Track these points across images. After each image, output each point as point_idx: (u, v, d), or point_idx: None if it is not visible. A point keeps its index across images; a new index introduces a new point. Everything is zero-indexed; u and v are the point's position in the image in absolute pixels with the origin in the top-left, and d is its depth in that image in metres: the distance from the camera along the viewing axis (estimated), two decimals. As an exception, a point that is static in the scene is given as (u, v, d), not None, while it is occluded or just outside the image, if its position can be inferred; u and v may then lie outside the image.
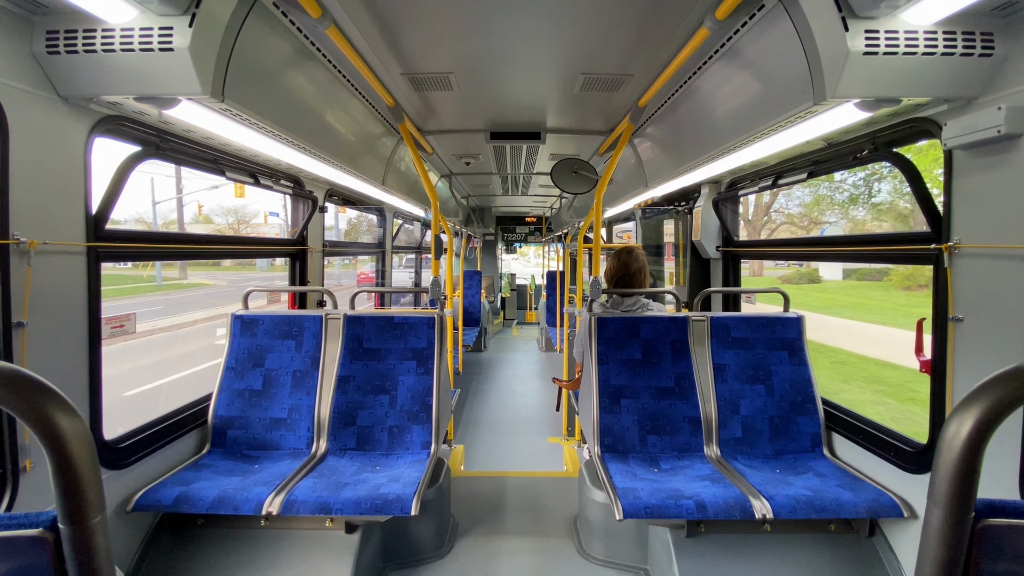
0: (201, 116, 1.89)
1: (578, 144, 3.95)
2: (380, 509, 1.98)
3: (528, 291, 12.78)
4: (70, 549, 0.56)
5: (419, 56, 2.28)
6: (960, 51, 1.53)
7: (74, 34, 1.55)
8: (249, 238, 3.72)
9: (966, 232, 1.70)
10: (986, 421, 0.56)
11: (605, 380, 2.58)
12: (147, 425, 2.22)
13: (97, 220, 1.85)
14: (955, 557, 0.59)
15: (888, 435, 2.14)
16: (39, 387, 0.54)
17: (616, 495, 2.02)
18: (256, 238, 3.96)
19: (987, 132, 1.51)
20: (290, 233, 3.45)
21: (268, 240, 3.65)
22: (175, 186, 25.27)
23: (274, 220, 29.45)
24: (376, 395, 2.60)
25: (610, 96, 2.79)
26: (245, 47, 1.73)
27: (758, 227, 20.15)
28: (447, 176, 5.30)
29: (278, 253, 3.42)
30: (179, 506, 1.97)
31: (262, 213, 36.58)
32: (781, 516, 1.92)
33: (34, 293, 1.61)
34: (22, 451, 1.61)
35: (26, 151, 1.56)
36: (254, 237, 4.43)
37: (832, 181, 18.00)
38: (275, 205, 42.17)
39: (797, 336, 2.63)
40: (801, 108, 1.77)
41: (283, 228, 24.20)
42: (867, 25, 1.50)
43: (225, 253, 2.93)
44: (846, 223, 18.34)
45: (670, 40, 2.06)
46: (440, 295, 2.86)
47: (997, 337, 1.60)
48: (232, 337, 2.65)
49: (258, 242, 3.56)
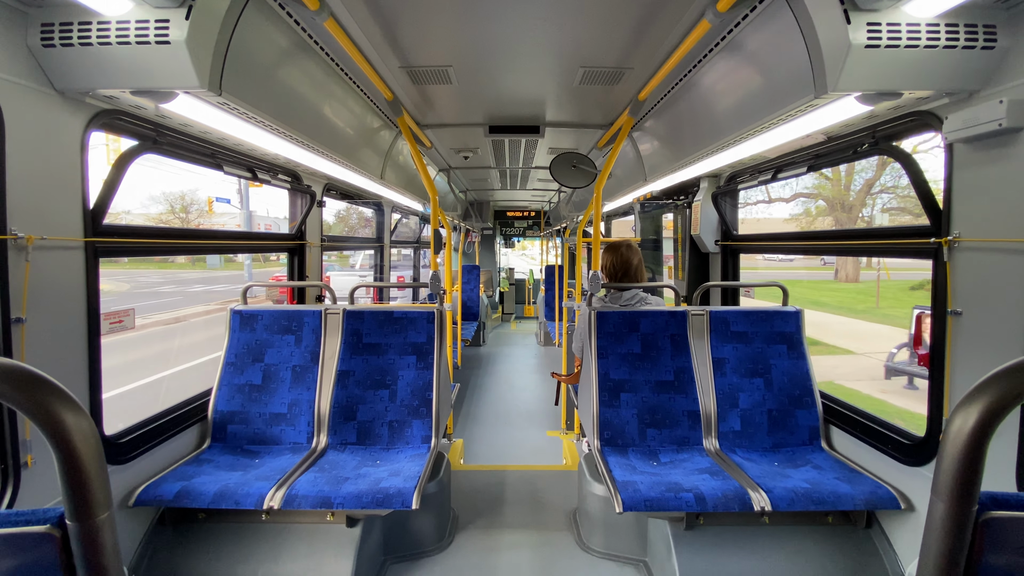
0: (198, 110, 1.87)
1: (577, 138, 3.94)
2: (381, 503, 1.98)
3: (526, 285, 12.78)
4: (78, 545, 0.56)
5: (417, 49, 2.26)
6: (962, 44, 1.52)
7: (69, 27, 1.53)
8: (248, 233, 3.71)
9: (966, 226, 1.70)
10: (991, 415, 0.57)
11: (605, 374, 2.59)
12: (147, 420, 2.22)
13: (95, 215, 1.84)
14: (958, 549, 0.59)
15: (886, 428, 2.15)
16: (46, 385, 0.54)
17: (616, 488, 2.03)
18: (255, 233, 3.95)
19: (988, 125, 1.51)
20: (288, 228, 3.43)
21: (267, 235, 3.64)
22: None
23: (223, 208, 20.20)
24: (376, 390, 2.61)
25: (609, 90, 2.78)
26: (242, 40, 1.71)
27: (855, 214, 17.15)
28: (445, 170, 5.29)
29: (276, 248, 3.41)
30: (180, 501, 1.97)
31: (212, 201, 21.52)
32: (779, 508, 1.94)
33: (32, 289, 1.60)
34: (23, 446, 1.60)
35: (22, 145, 1.55)
36: (253, 232, 4.42)
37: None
38: (227, 190, 29.71)
39: (796, 330, 2.63)
40: (802, 101, 1.76)
41: (239, 218, 18.64)
42: (869, 18, 1.49)
43: (224, 248, 2.92)
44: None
45: (671, 33, 2.05)
46: (439, 290, 2.85)
47: (996, 331, 1.61)
48: (231, 332, 2.65)
49: (256, 237, 3.55)
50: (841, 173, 17.29)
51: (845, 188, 17.82)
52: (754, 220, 18.98)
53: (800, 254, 3.20)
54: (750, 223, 19.74)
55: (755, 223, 18.58)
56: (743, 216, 3.41)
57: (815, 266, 23.60)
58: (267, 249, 3.41)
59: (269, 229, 16.46)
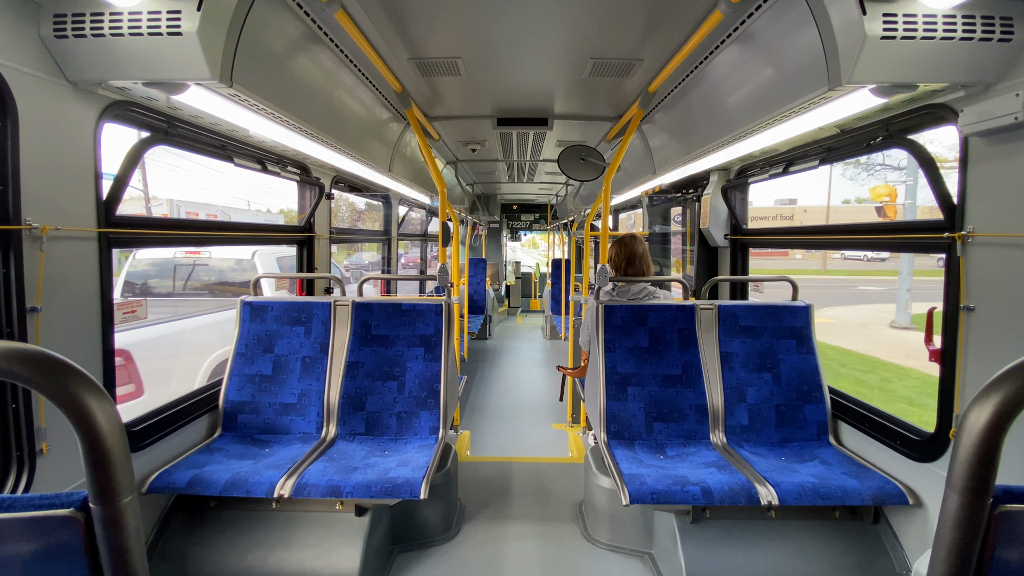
0: (209, 101, 1.88)
1: (585, 130, 3.91)
2: (390, 493, 2.01)
3: (533, 279, 12.78)
4: (101, 528, 0.58)
5: (427, 41, 2.25)
6: (979, 36, 1.50)
7: (82, 18, 1.54)
8: (258, 225, 3.73)
9: (980, 221, 1.67)
10: (1008, 408, 0.57)
11: (612, 367, 2.59)
12: (160, 409, 2.26)
13: (108, 205, 1.86)
14: (971, 542, 0.59)
15: (895, 424, 2.14)
16: (71, 371, 0.56)
17: (622, 481, 2.04)
18: (265, 225, 3.98)
19: (1004, 119, 1.49)
20: (298, 220, 3.45)
21: (276, 227, 3.67)
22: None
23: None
24: (384, 381, 2.63)
25: (619, 81, 2.76)
26: (253, 31, 1.72)
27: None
28: (453, 163, 5.28)
29: (286, 240, 3.43)
30: (193, 488, 2.00)
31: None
32: (786, 503, 1.94)
33: (47, 278, 1.62)
34: (38, 434, 1.64)
35: (36, 136, 1.57)
36: (263, 224, 4.44)
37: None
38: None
39: (805, 325, 2.62)
40: (815, 94, 1.74)
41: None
42: (885, 8, 1.47)
43: (234, 239, 2.95)
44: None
45: (682, 24, 2.03)
46: (447, 282, 2.86)
47: (1010, 327, 1.59)
48: (241, 323, 2.67)
49: (266, 228, 3.57)
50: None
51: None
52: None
53: (811, 248, 3.17)
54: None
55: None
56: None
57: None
58: (277, 241, 3.44)
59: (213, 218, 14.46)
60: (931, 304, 2.00)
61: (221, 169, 25.21)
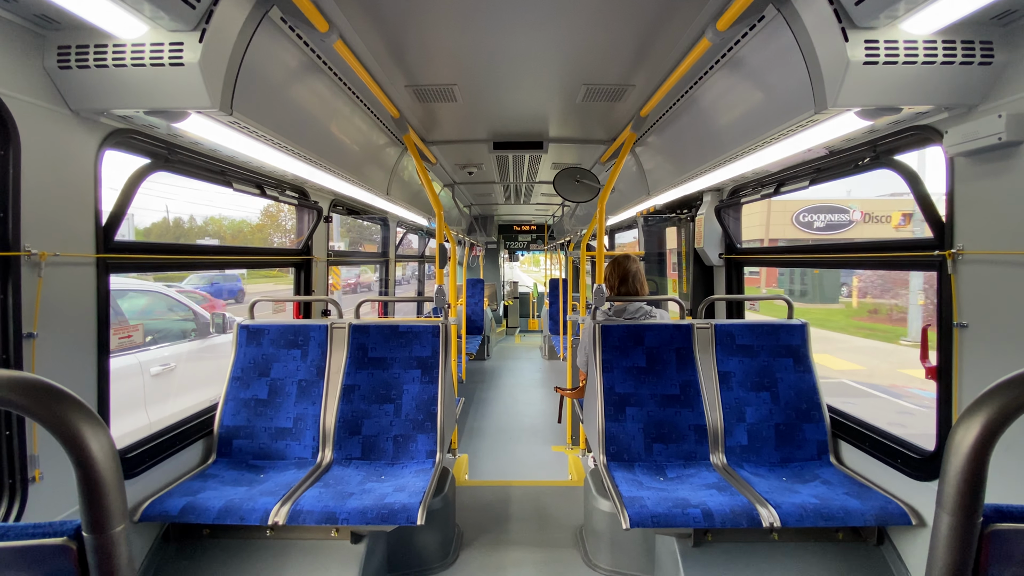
0: (209, 129, 1.91)
1: (580, 153, 3.98)
2: (386, 519, 1.97)
3: (531, 299, 12.79)
4: (94, 557, 0.57)
5: (423, 68, 2.31)
6: (960, 59, 1.54)
7: (85, 49, 1.57)
8: (256, 248, 3.75)
9: (969, 239, 1.70)
10: (993, 426, 0.57)
11: (610, 388, 2.58)
12: (153, 435, 2.23)
13: (107, 231, 1.87)
14: (964, 562, 0.59)
15: (895, 442, 2.13)
16: (66, 398, 0.56)
17: (622, 504, 2.01)
18: (262, 248, 3.99)
19: (988, 139, 1.52)
20: (295, 243, 3.47)
21: (274, 250, 3.68)
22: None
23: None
24: (381, 404, 2.61)
25: (612, 106, 2.82)
26: (253, 61, 1.76)
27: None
28: (450, 185, 5.34)
29: (283, 263, 3.44)
30: (186, 516, 1.97)
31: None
32: (788, 524, 1.91)
33: (44, 304, 1.62)
34: (31, 461, 1.61)
35: (37, 164, 1.59)
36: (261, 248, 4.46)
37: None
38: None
39: (802, 343, 2.62)
40: (802, 117, 1.78)
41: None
42: (867, 35, 1.52)
43: (232, 263, 2.96)
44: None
45: (672, 51, 2.08)
46: (445, 303, 2.87)
47: (1003, 343, 1.60)
48: (238, 347, 2.66)
49: (264, 252, 3.59)
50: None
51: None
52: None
53: (803, 267, 3.18)
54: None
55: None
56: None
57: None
58: (274, 264, 3.45)
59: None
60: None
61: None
